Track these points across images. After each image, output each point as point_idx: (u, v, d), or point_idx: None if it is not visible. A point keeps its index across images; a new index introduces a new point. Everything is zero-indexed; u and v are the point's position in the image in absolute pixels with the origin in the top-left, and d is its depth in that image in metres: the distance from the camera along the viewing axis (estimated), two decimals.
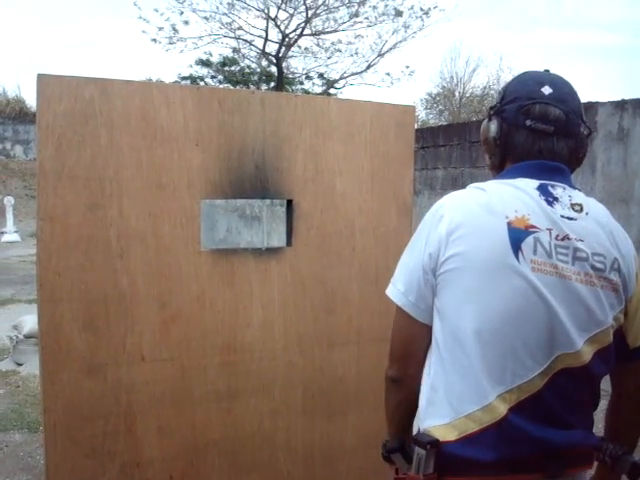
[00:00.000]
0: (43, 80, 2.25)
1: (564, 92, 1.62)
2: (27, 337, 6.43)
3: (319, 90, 22.58)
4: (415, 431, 1.63)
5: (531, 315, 1.46)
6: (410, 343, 1.66)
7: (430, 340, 1.60)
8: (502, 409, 1.46)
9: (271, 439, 2.68)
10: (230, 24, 20.95)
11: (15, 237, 17.53)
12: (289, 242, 2.67)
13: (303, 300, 2.69)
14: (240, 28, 21.17)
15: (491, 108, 1.72)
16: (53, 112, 2.26)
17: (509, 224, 1.48)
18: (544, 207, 1.51)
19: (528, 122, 1.59)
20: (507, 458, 1.47)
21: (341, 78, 22.82)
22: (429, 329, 1.59)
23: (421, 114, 29.03)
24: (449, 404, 1.52)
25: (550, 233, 1.49)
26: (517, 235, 1.48)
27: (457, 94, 29.16)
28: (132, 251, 2.38)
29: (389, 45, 21.71)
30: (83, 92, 2.29)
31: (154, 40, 20.86)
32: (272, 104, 2.60)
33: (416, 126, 3.03)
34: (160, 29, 20.59)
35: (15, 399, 5.62)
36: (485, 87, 28.74)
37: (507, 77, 28.54)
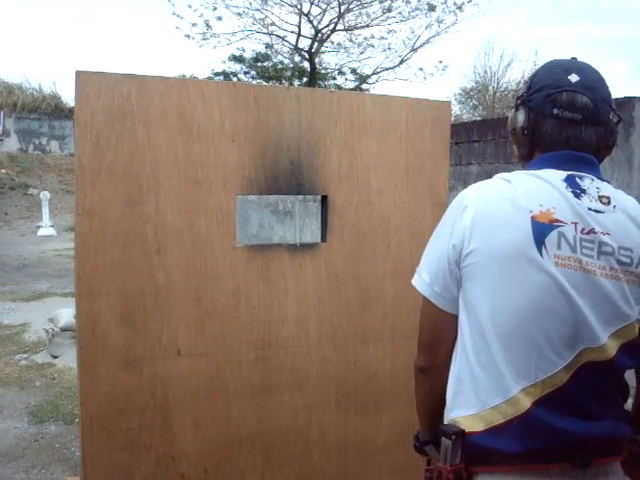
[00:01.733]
0: (81, 77, 2.27)
1: (592, 79, 1.60)
2: (63, 330, 6.53)
3: (351, 85, 22.53)
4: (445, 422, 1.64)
5: (554, 310, 1.46)
6: (437, 333, 1.65)
7: (457, 330, 1.60)
8: (526, 403, 1.46)
9: (305, 434, 2.69)
10: (263, 20, 20.98)
11: (51, 231, 17.75)
12: (324, 238, 2.67)
13: (337, 296, 2.69)
14: (273, 24, 21.20)
15: (518, 98, 1.70)
16: (91, 109, 2.28)
17: (533, 218, 1.47)
18: (570, 200, 1.49)
19: (555, 111, 1.57)
20: (533, 449, 1.47)
21: (374, 73, 22.74)
22: (455, 318, 1.59)
23: (455, 109, 28.83)
24: (475, 395, 1.52)
25: (575, 227, 1.48)
26: (541, 229, 1.46)
27: (491, 89, 28.88)
28: (168, 246, 2.40)
29: (422, 40, 21.57)
30: (121, 89, 2.31)
31: (187, 36, 20.98)
32: (307, 100, 2.60)
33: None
34: (193, 25, 20.70)
35: (51, 391, 5.71)
36: (520, 81, 28.42)
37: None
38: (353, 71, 23.06)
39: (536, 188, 1.51)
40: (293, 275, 2.61)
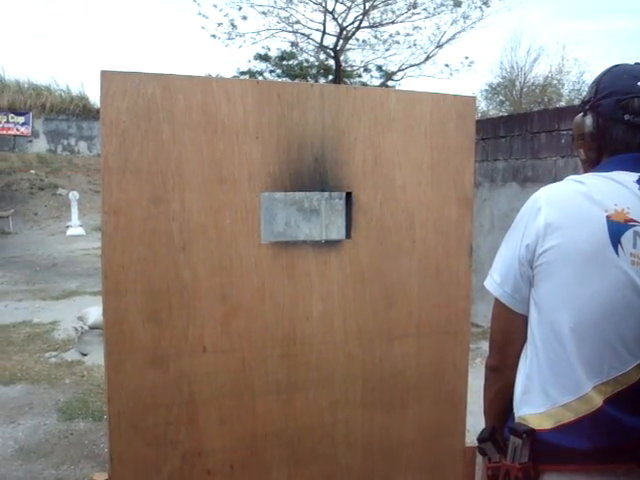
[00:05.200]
0: (106, 76, 2.29)
1: None
2: (92, 328, 6.60)
3: (377, 82, 22.47)
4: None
5: (629, 308, 1.48)
6: (507, 333, 1.69)
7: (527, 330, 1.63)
8: (597, 400, 1.48)
9: (330, 431, 2.69)
10: (288, 18, 21.02)
11: (80, 231, 17.95)
12: (348, 235, 2.67)
13: (362, 293, 2.69)
14: (298, 22, 21.22)
15: (585, 103, 1.73)
16: (116, 108, 2.30)
17: (608, 217, 1.50)
18: None
19: (627, 117, 1.60)
20: (601, 447, 1.49)
21: (399, 70, 22.66)
22: (526, 319, 1.62)
23: (481, 105, 28.64)
24: (544, 393, 1.55)
25: None
26: (616, 229, 1.49)
27: (518, 84, 28.65)
28: (194, 244, 2.42)
29: (448, 36, 21.46)
30: (146, 88, 2.33)
31: (213, 36, 21.08)
32: (331, 97, 2.60)
33: (476, 117, 2.99)
34: (219, 25, 20.79)
35: (80, 389, 5.78)
36: (547, 77, 28.17)
37: (571, 66, 27.95)
38: (379, 68, 23.00)
39: (609, 189, 1.55)
40: (318, 272, 2.61)
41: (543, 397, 1.55)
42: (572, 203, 1.55)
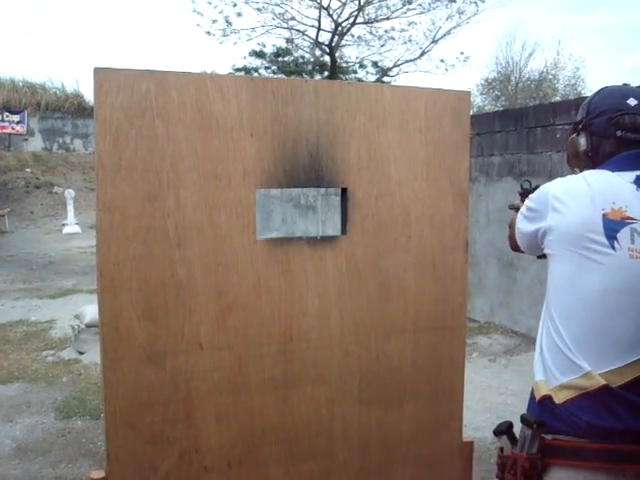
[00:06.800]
0: (100, 73, 2.29)
1: None
2: (88, 326, 6.61)
3: (373, 78, 22.50)
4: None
5: (632, 299, 1.54)
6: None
7: None
8: (600, 381, 1.55)
9: (327, 427, 2.69)
10: (283, 14, 21.03)
11: (76, 229, 17.94)
12: (344, 230, 2.66)
13: (359, 289, 2.68)
14: (293, 18, 21.23)
15: (577, 123, 1.82)
16: (110, 105, 2.29)
17: (604, 216, 1.57)
18: None
19: (619, 132, 1.69)
20: (609, 427, 1.55)
21: (395, 66, 22.69)
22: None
23: (477, 100, 28.66)
24: (555, 367, 1.63)
25: None
26: (612, 226, 1.57)
27: (513, 79, 28.65)
28: (189, 241, 2.41)
29: (443, 31, 21.54)
30: (139, 84, 2.32)
31: (208, 33, 21.08)
32: (325, 92, 2.59)
33: (472, 112, 2.98)
34: (214, 22, 20.77)
35: (77, 387, 5.79)
36: (542, 72, 28.18)
37: (565, 61, 27.95)
38: (374, 64, 23.03)
39: (609, 187, 1.63)
40: (314, 268, 2.61)
41: (554, 371, 1.62)
42: (577, 197, 1.64)
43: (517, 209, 2.22)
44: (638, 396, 1.54)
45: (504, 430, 1.80)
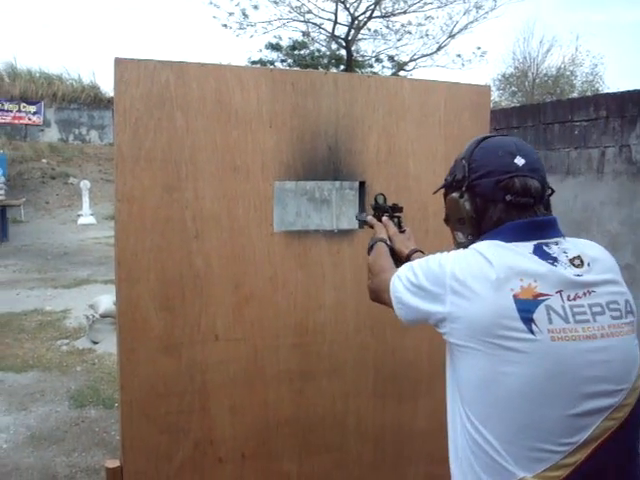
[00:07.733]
0: (121, 64, 2.29)
1: (535, 159, 1.56)
2: (103, 316, 6.64)
3: (389, 73, 22.43)
4: None
5: (557, 387, 1.39)
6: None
7: None
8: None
9: (342, 421, 2.69)
10: (299, 8, 20.99)
11: (91, 220, 18.00)
12: (361, 224, 2.65)
13: None
14: (309, 11, 21.19)
15: (457, 182, 1.62)
16: (130, 96, 2.29)
17: (515, 297, 1.40)
18: (549, 269, 1.43)
19: (508, 197, 1.51)
20: None
21: (411, 60, 22.61)
22: None
23: (494, 95, 28.48)
24: (483, 472, 1.46)
25: (561, 295, 1.41)
26: (526, 307, 1.39)
27: (530, 75, 28.46)
28: (207, 232, 2.41)
29: (460, 26, 21.40)
30: (160, 75, 2.32)
31: (225, 25, 21.07)
32: (345, 85, 2.58)
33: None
34: (230, 14, 20.76)
35: (91, 376, 5.81)
36: (560, 67, 27.98)
37: (583, 58, 27.74)
38: (390, 58, 22.94)
39: (512, 263, 1.44)
40: (330, 261, 2.60)
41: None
42: (480, 286, 1.43)
43: (371, 226, 2.16)
44: None
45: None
